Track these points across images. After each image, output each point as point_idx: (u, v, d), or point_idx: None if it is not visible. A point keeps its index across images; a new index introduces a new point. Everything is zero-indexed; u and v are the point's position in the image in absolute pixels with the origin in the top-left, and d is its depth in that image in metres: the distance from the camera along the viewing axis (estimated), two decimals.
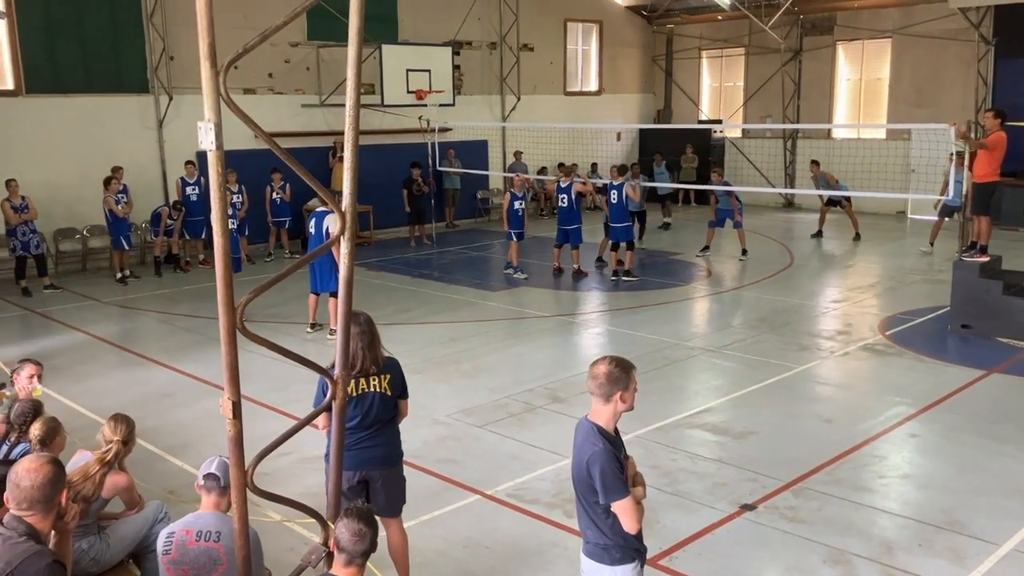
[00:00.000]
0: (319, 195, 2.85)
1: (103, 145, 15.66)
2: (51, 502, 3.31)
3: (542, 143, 21.45)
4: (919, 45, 20.97)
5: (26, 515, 3.26)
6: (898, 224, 20.47)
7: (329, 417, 3.72)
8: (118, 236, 14.79)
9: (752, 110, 24.31)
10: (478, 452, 7.47)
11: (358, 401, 4.73)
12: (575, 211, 14.81)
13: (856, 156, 19.89)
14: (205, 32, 2.47)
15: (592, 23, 24.62)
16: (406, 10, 19.82)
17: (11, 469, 3.42)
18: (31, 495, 3.26)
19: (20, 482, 3.27)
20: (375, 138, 18.19)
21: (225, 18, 14.45)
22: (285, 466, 6.71)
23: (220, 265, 2.74)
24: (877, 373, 9.71)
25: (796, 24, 22.98)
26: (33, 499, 3.26)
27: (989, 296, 10.67)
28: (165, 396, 9.03)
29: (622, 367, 3.72)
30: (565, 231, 14.80)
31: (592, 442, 3.68)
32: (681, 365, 10.00)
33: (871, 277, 14.75)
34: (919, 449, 7.55)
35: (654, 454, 7.23)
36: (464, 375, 9.63)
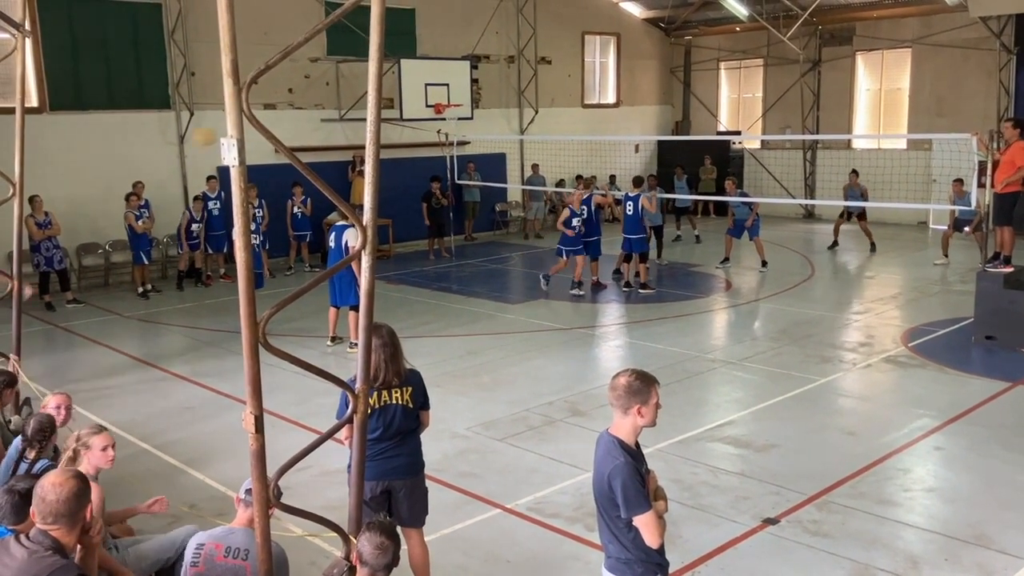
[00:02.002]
0: (339, 209, 2.86)
1: (125, 161, 15.82)
2: (76, 516, 3.33)
3: (560, 156, 21.47)
4: (939, 55, 20.85)
5: (52, 529, 3.28)
6: (919, 235, 20.31)
7: (351, 430, 3.73)
8: (139, 251, 14.92)
9: (771, 121, 24.24)
10: (498, 465, 7.46)
11: (381, 413, 4.75)
12: (595, 223, 14.82)
13: (877, 167, 19.79)
14: (228, 49, 2.49)
15: (610, 35, 24.66)
16: (424, 25, 19.93)
17: (37, 483, 3.44)
18: (56, 509, 3.28)
19: (46, 496, 3.29)
20: (394, 152, 18.27)
21: (246, 35, 14.48)
22: (307, 480, 6.72)
23: (243, 280, 2.76)
24: (900, 385, 9.62)
25: (815, 35, 22.91)
26: (58, 513, 3.28)
27: (1014, 307, 10.55)
28: (187, 409, 9.07)
29: (642, 380, 3.71)
30: (585, 243, 14.79)
31: (613, 456, 3.66)
32: (702, 378, 9.95)
33: (893, 288, 14.63)
34: (944, 462, 7.47)
35: (675, 468, 7.19)
36: (483, 388, 9.62)
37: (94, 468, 4.70)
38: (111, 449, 4.79)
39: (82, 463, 4.67)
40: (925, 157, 20.10)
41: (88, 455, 4.70)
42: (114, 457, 4.81)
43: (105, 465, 4.78)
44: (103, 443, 4.77)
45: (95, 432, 4.81)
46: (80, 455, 4.72)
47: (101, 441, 4.77)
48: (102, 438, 4.78)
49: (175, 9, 16.28)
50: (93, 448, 4.73)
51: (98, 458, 4.73)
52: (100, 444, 4.76)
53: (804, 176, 23.53)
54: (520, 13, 21.67)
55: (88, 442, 4.75)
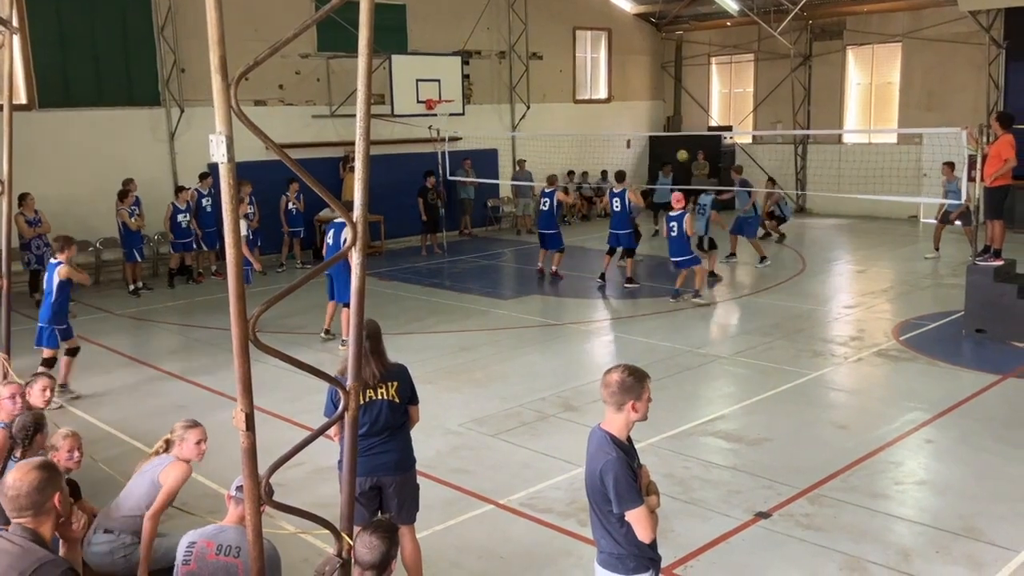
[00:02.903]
0: (330, 205, 2.86)
1: (115, 158, 15.75)
2: (43, 506, 3.31)
3: (552, 151, 21.47)
4: (929, 49, 20.91)
5: (25, 521, 3.27)
6: (910, 228, 20.36)
7: (341, 427, 3.73)
8: (131, 248, 14.88)
9: (762, 116, 24.28)
10: (491, 461, 7.46)
11: (366, 409, 4.76)
12: (552, 217, 15.20)
13: (867, 161, 19.83)
14: (216, 45, 2.48)
15: (601, 31, 24.65)
16: (415, 20, 19.89)
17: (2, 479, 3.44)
18: (20, 503, 3.26)
19: (7, 492, 3.29)
20: (385, 148, 18.24)
21: (235, 31, 14.47)
22: (298, 476, 6.71)
23: (232, 277, 2.75)
24: (891, 379, 9.66)
25: (805, 29, 22.94)
26: (22, 506, 3.27)
27: (1004, 300, 10.60)
28: (179, 408, 9.04)
29: (635, 376, 3.71)
30: (543, 235, 15.28)
31: (605, 451, 3.67)
32: (694, 372, 9.97)
33: (884, 282, 14.68)
34: (935, 455, 7.50)
35: (668, 462, 7.20)
36: (476, 384, 9.62)
37: (185, 458, 4.98)
38: (204, 444, 5.04)
39: (173, 450, 4.99)
40: (916, 151, 20.14)
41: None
42: (205, 451, 5.09)
43: (198, 459, 5.04)
44: (198, 437, 4.98)
45: (190, 426, 5.04)
46: (173, 446, 5.01)
47: (195, 435, 4.95)
48: (197, 432, 4.96)
49: (164, 5, 16.21)
50: (188, 441, 4.97)
51: (191, 451, 4.99)
52: (194, 438, 4.95)
53: (795, 170, 23.58)
54: (511, 8, 21.65)
55: (183, 435, 4.99)
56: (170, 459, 4.98)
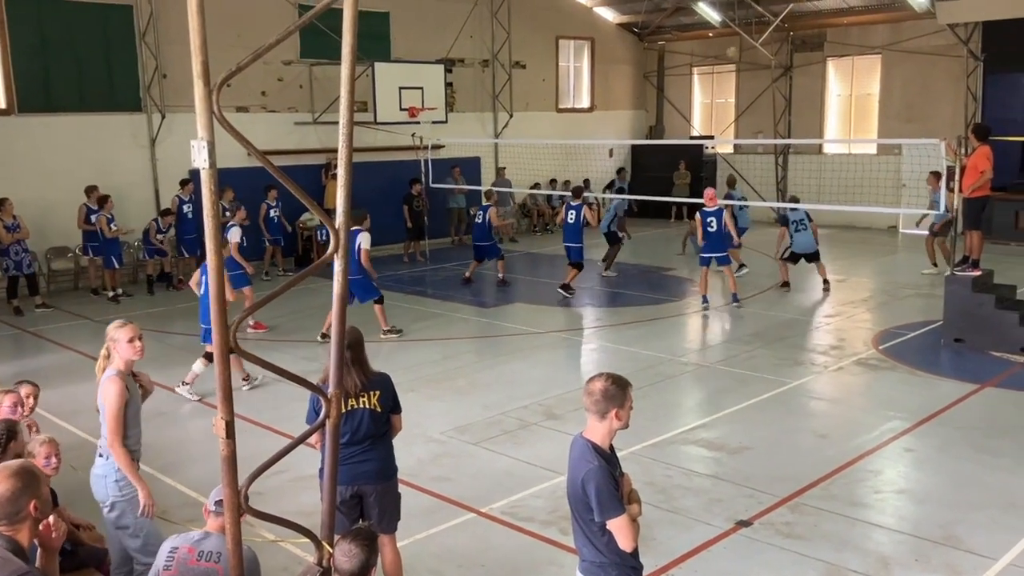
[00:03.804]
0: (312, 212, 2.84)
1: (96, 163, 15.64)
2: (19, 514, 3.27)
3: (535, 159, 21.50)
4: (908, 61, 21.12)
5: (2, 529, 3.23)
6: (890, 239, 20.53)
7: (322, 435, 3.71)
8: (109, 255, 14.76)
9: (744, 126, 24.42)
10: (472, 470, 7.44)
11: (348, 417, 4.74)
12: (486, 230, 15.39)
13: (847, 171, 19.98)
14: (198, 51, 2.47)
15: (584, 40, 24.74)
16: (399, 28, 19.89)
17: None
18: None
19: None
20: (368, 155, 18.20)
21: (218, 37, 14.45)
22: (279, 485, 6.67)
23: (213, 284, 2.73)
24: (871, 388, 9.71)
25: (786, 41, 23.12)
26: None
27: (982, 310, 10.70)
28: (159, 415, 8.96)
29: (618, 384, 3.71)
30: (477, 247, 15.61)
31: (587, 459, 3.67)
32: (675, 381, 9.99)
33: (864, 292, 14.78)
34: (914, 464, 7.55)
35: (649, 471, 7.21)
36: (458, 392, 9.60)
37: (125, 363, 4.97)
38: (139, 340, 5.03)
39: (114, 361, 4.98)
40: (895, 162, 20.32)
41: (116, 348, 4.87)
42: (142, 348, 5.08)
43: (136, 356, 5.03)
44: (129, 335, 4.98)
45: (120, 325, 5.04)
46: (112, 350, 5.00)
47: (127, 333, 4.97)
48: (128, 329, 4.95)
49: (147, 11, 16.13)
50: (120, 341, 4.96)
51: (127, 351, 4.97)
52: (127, 336, 4.97)
53: (776, 180, 23.72)
54: (494, 17, 21.69)
55: (115, 336, 4.97)
56: (107, 375, 4.95)
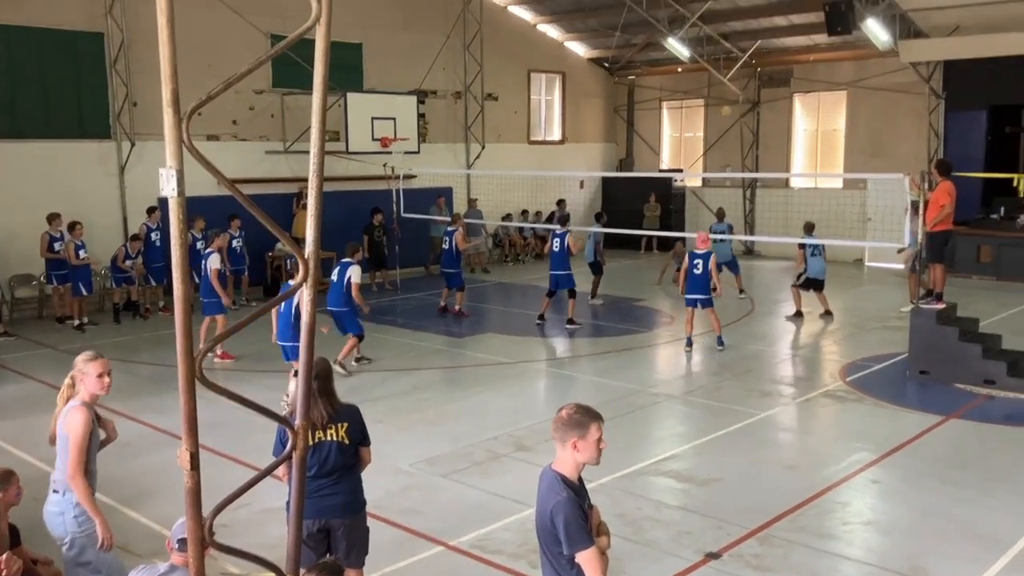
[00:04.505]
0: (282, 241, 2.83)
1: (63, 191, 15.48)
2: None
3: (507, 190, 21.61)
4: (873, 97, 21.54)
5: None
6: (856, 271, 20.81)
7: (289, 467, 3.65)
8: (77, 282, 14.57)
9: (712, 159, 24.72)
10: (441, 502, 7.38)
11: (315, 450, 4.68)
12: (453, 257, 15.42)
13: (814, 205, 20.26)
14: (168, 79, 2.47)
15: (555, 74, 25.01)
16: (371, 59, 19.98)
17: None
18: None
19: None
20: (339, 184, 18.19)
21: (190, 65, 14.39)
22: (245, 517, 6.57)
23: (179, 312, 2.70)
24: (838, 419, 9.79)
25: (754, 76, 23.52)
26: None
27: (946, 343, 10.84)
28: (122, 446, 8.76)
29: (583, 413, 3.69)
30: (446, 274, 15.57)
31: (556, 491, 3.65)
32: (646, 412, 10.01)
33: (831, 324, 14.92)
34: (881, 495, 7.60)
35: (619, 502, 7.19)
36: (427, 423, 9.54)
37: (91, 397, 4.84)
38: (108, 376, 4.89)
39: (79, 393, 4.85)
40: (860, 196, 20.66)
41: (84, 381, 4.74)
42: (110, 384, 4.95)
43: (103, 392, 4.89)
44: (99, 369, 4.85)
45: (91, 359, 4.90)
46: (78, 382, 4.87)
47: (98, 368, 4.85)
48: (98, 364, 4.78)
49: (118, 38, 16.09)
50: (89, 374, 4.83)
51: (95, 385, 4.83)
52: (96, 371, 4.83)
53: (744, 213, 23.99)
54: (467, 50, 21.87)
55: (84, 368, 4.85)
56: (71, 406, 4.81)
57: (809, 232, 15.48)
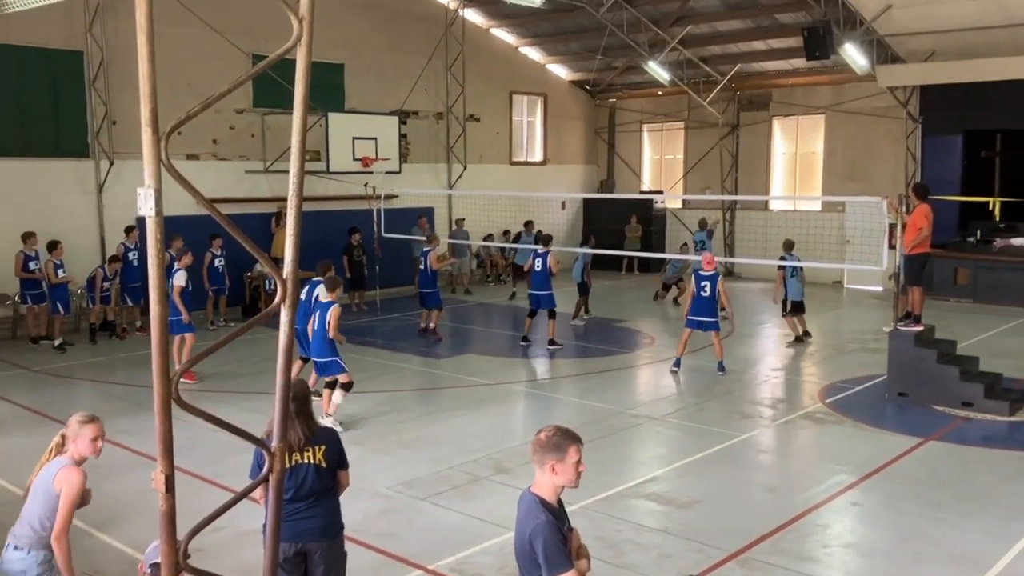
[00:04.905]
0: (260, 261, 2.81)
1: (39, 210, 15.33)
2: None
3: (489, 211, 21.64)
4: (851, 121, 21.78)
5: None
6: (835, 294, 20.94)
7: (266, 489, 3.61)
8: (55, 301, 14.43)
9: (692, 182, 24.88)
10: (420, 525, 7.32)
11: (292, 473, 4.62)
12: (429, 277, 15.35)
13: (793, 227, 20.39)
14: (147, 98, 2.44)
15: (537, 96, 25.14)
16: (353, 80, 20.00)
17: None
18: None
19: None
20: (319, 204, 18.16)
21: (170, 85, 14.33)
22: (221, 540, 6.48)
23: (156, 333, 2.67)
24: (818, 441, 9.81)
25: (733, 100, 23.73)
26: None
27: (924, 365, 10.91)
28: (94, 468, 8.64)
29: (562, 436, 3.67)
30: (423, 294, 15.55)
31: (535, 515, 3.62)
32: (626, 434, 9.99)
33: (810, 345, 14.99)
34: (861, 518, 7.60)
35: (599, 525, 7.16)
36: (406, 445, 9.47)
37: (80, 458, 4.65)
38: (101, 440, 4.72)
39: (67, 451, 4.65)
40: (839, 219, 20.83)
41: (76, 442, 4.61)
42: (102, 449, 4.77)
43: (94, 456, 4.72)
44: (94, 433, 4.68)
45: (86, 421, 4.72)
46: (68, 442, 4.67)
47: (93, 432, 4.67)
48: (93, 428, 4.65)
49: (97, 57, 16.01)
50: (83, 437, 4.64)
51: (87, 448, 4.66)
52: (91, 435, 4.66)
53: (724, 235, 24.13)
54: (449, 71, 21.94)
55: (79, 431, 4.66)
56: (63, 463, 4.63)
57: (789, 251, 15.45)
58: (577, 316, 16.79)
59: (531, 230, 20.82)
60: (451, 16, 21.78)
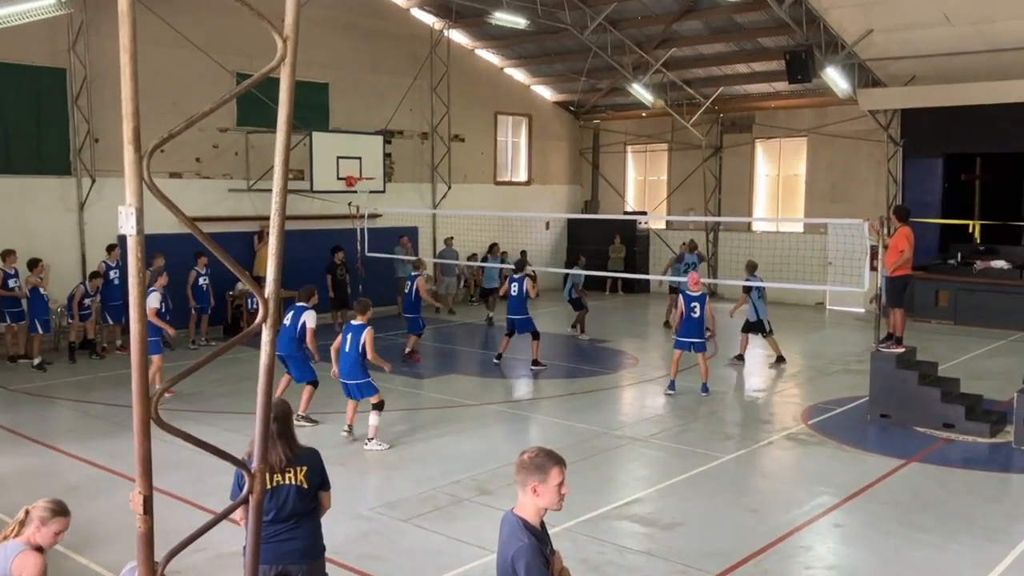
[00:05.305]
0: (242, 280, 2.79)
1: (20, 227, 15.21)
2: None
3: (473, 231, 21.64)
4: (833, 144, 21.98)
5: None
6: (817, 315, 21.04)
7: (246, 510, 3.57)
8: (34, 319, 14.29)
9: (675, 203, 25.00)
10: (403, 547, 7.25)
11: (273, 494, 4.58)
12: (412, 302, 15.24)
13: (776, 249, 20.52)
14: (130, 117, 2.43)
15: (522, 116, 25.25)
16: (338, 99, 20.02)
17: None
18: None
19: None
20: (302, 223, 18.10)
21: (153, 103, 14.35)
22: (201, 563, 6.40)
23: (135, 352, 2.64)
24: (801, 463, 9.81)
25: (716, 122, 23.91)
26: None
27: (906, 386, 10.96)
28: (72, 489, 8.58)
29: (545, 457, 3.65)
30: (407, 319, 15.51)
31: (518, 537, 3.59)
32: (610, 455, 9.96)
33: (792, 367, 15.04)
34: (843, 539, 7.60)
35: (582, 547, 7.12)
36: (389, 466, 9.41)
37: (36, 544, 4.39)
38: (62, 535, 4.48)
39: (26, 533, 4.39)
40: (821, 240, 20.98)
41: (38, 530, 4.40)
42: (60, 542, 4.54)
43: (50, 547, 4.46)
44: (58, 528, 4.45)
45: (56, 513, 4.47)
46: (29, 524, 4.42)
47: (58, 526, 4.43)
48: (59, 523, 4.46)
49: (80, 74, 15.96)
50: (47, 527, 4.40)
51: (47, 539, 4.42)
52: (55, 529, 4.43)
53: (707, 256, 24.23)
54: (434, 92, 22.01)
55: (44, 518, 4.42)
56: (20, 548, 4.38)
57: (752, 272, 15.54)
58: (583, 331, 17.48)
59: (496, 252, 20.71)
60: (436, 37, 21.88)
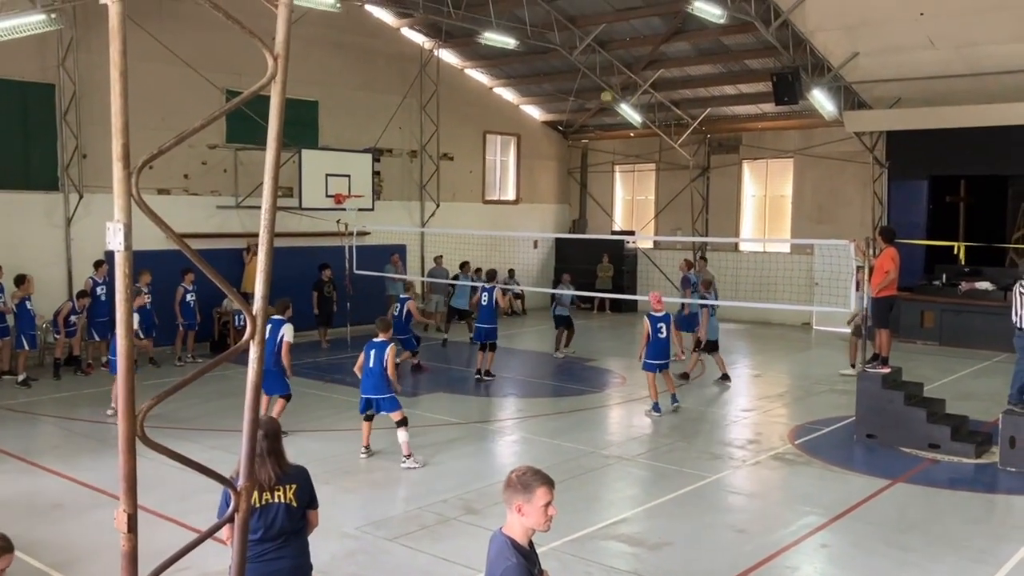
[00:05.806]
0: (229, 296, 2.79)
1: (6, 242, 15.13)
2: None
3: (461, 249, 21.66)
4: (819, 165, 22.14)
5: None
6: (804, 335, 21.12)
7: (232, 529, 3.54)
8: (20, 334, 14.19)
9: (663, 222, 25.11)
10: (389, 567, 7.21)
11: (261, 513, 4.53)
12: (402, 323, 15.11)
13: (763, 269, 20.64)
14: (119, 133, 2.44)
15: (510, 136, 25.35)
16: (327, 117, 20.06)
17: None
18: None
19: None
20: (291, 240, 18.07)
21: (142, 119, 14.35)
22: None
23: (122, 369, 2.63)
24: (787, 482, 9.82)
25: (704, 143, 24.06)
26: None
27: (892, 407, 10.99)
28: (55, 507, 8.51)
29: (532, 476, 3.64)
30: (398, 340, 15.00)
31: (505, 556, 3.58)
32: (597, 474, 9.94)
33: (779, 387, 15.08)
34: (830, 560, 7.60)
35: (569, 567, 7.09)
36: (375, 485, 9.37)
37: None
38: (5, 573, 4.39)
39: None
40: (807, 261, 21.09)
41: None
42: None
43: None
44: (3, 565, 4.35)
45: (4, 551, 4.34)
46: None
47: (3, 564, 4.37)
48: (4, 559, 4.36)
49: (69, 90, 15.94)
50: None
51: None
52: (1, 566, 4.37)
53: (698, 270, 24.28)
54: (423, 110, 22.08)
55: None
56: None
57: (707, 288, 15.55)
58: (567, 347, 17.58)
59: (467, 271, 20.71)
60: (426, 56, 21.98)
